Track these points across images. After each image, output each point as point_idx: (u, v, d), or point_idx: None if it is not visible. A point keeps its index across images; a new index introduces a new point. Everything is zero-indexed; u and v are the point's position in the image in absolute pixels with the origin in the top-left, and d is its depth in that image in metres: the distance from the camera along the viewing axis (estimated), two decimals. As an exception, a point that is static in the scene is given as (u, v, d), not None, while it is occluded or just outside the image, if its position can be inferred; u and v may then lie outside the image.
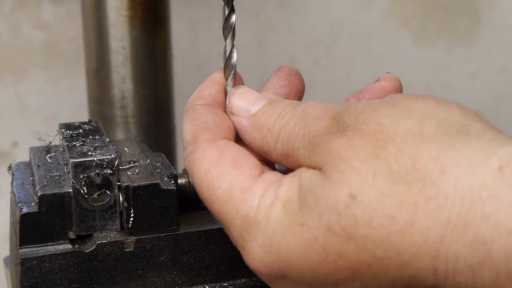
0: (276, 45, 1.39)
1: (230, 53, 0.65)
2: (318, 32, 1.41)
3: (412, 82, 1.50)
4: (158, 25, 0.96)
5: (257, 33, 1.37)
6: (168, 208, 0.68)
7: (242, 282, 0.72)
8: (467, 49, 1.53)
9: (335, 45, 1.43)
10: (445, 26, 1.51)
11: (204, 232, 0.71)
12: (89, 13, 0.96)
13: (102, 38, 0.95)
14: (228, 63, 0.65)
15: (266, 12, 1.37)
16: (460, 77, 1.54)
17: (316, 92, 1.43)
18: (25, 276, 0.65)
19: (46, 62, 1.24)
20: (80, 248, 0.67)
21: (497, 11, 1.54)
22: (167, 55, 0.99)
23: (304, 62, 1.41)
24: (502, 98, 1.59)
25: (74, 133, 0.73)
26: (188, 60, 1.33)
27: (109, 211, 0.67)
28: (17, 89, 1.24)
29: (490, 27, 1.54)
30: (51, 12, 1.23)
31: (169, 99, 1.00)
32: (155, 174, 0.70)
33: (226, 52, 0.65)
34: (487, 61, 1.55)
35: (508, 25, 1.56)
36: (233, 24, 0.64)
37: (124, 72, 0.95)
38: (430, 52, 1.50)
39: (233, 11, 0.64)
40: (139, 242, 0.68)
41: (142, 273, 0.69)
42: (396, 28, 1.47)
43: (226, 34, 0.65)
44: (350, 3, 1.43)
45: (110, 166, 0.66)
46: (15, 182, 0.72)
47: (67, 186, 0.67)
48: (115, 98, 0.96)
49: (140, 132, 0.97)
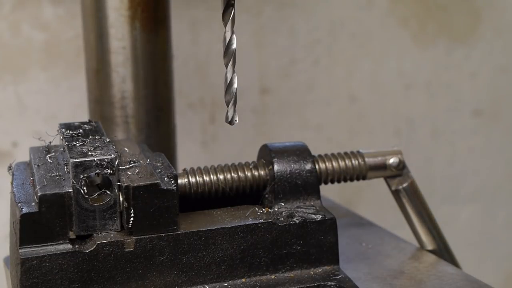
0: (276, 45, 1.39)
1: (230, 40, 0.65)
2: (318, 32, 1.41)
3: (412, 82, 1.50)
4: (158, 25, 0.96)
5: (257, 33, 1.37)
6: (168, 208, 0.68)
7: (242, 282, 0.72)
8: (467, 49, 1.53)
9: (335, 45, 1.43)
10: (445, 26, 1.51)
11: (204, 232, 0.71)
12: (89, 13, 0.96)
13: (102, 38, 0.95)
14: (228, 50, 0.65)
15: (266, 12, 1.37)
16: (460, 77, 1.54)
17: (316, 92, 1.43)
18: (25, 276, 0.65)
19: (46, 62, 1.24)
20: (80, 248, 0.67)
21: (497, 11, 1.54)
22: (167, 55, 0.99)
23: (304, 62, 1.41)
24: (502, 98, 1.59)
25: (74, 133, 0.73)
26: (188, 60, 1.33)
27: (109, 211, 0.67)
28: (17, 89, 1.24)
29: (490, 27, 1.54)
30: (51, 12, 1.23)
31: (169, 99, 1.00)
32: (155, 174, 0.70)
33: (225, 39, 0.65)
34: (487, 61, 1.55)
35: (508, 25, 1.56)
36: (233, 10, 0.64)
37: (124, 72, 0.95)
38: (430, 52, 1.50)
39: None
40: (139, 242, 0.68)
41: (142, 273, 0.69)
42: (396, 28, 1.47)
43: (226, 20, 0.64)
44: (350, 3, 1.43)
45: (110, 166, 0.66)
46: (15, 182, 0.72)
47: (67, 186, 0.67)
48: (115, 98, 0.96)
49: (140, 132, 0.97)
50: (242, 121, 1.07)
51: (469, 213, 1.62)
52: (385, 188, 0.88)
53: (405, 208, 0.87)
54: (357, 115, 1.48)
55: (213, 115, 1.37)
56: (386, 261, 0.85)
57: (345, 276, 0.74)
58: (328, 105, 1.45)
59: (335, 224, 0.75)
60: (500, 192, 1.64)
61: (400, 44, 1.48)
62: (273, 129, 1.42)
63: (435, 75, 1.52)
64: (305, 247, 0.74)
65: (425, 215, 0.87)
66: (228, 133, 1.38)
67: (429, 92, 1.52)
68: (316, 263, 0.75)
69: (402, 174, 0.86)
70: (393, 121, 1.51)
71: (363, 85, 1.47)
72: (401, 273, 0.82)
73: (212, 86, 1.35)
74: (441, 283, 0.79)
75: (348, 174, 0.82)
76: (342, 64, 1.44)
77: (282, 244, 0.73)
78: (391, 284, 0.79)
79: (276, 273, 0.73)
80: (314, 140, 1.40)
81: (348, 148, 0.87)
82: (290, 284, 0.72)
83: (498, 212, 1.64)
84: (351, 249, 0.88)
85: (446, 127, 1.55)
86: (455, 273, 0.82)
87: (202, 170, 0.78)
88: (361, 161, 0.82)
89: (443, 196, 1.58)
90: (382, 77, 1.48)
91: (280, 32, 1.38)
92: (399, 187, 0.86)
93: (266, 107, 1.40)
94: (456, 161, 1.58)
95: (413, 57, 1.49)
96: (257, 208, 0.75)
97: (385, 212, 1.24)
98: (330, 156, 0.82)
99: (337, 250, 0.75)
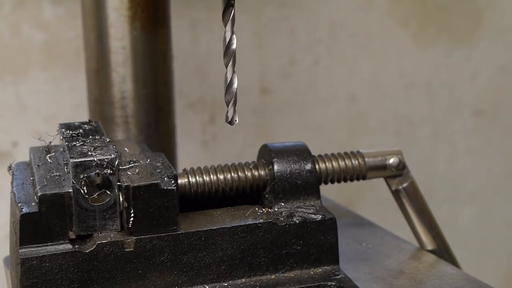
0: (276, 45, 1.39)
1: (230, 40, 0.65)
2: (318, 32, 1.41)
3: (412, 82, 1.50)
4: (158, 25, 0.96)
5: (257, 33, 1.37)
6: (168, 208, 0.68)
7: (242, 282, 0.72)
8: (467, 49, 1.53)
9: (335, 45, 1.43)
10: (445, 26, 1.51)
11: (204, 232, 0.71)
12: (89, 13, 0.96)
13: (102, 38, 0.95)
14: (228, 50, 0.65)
15: (266, 12, 1.37)
16: (460, 77, 1.54)
17: (316, 92, 1.43)
18: (25, 276, 0.65)
19: (46, 62, 1.24)
20: (80, 248, 0.67)
21: (497, 11, 1.54)
22: (167, 55, 0.99)
23: (304, 62, 1.41)
24: (502, 98, 1.59)
25: (74, 133, 0.73)
26: (188, 60, 1.33)
27: (109, 211, 0.67)
28: (17, 89, 1.24)
29: (490, 27, 1.54)
30: (51, 12, 1.23)
31: (169, 99, 1.00)
32: (155, 174, 0.70)
33: (225, 39, 0.65)
34: (487, 61, 1.55)
35: (508, 25, 1.56)
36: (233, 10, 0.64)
37: (124, 72, 0.95)
38: (430, 52, 1.50)
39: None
40: (139, 242, 0.68)
41: (142, 273, 0.69)
42: (396, 28, 1.47)
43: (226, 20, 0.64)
44: (350, 3, 1.43)
45: (110, 166, 0.66)
46: (15, 182, 0.72)
47: (67, 186, 0.67)
48: (115, 98, 0.96)
49: (140, 132, 0.97)
50: (242, 121, 1.07)
51: (469, 213, 1.62)
52: (385, 188, 0.88)
53: (405, 208, 0.87)
54: (357, 115, 1.48)
55: (213, 115, 1.37)
56: (386, 261, 0.85)
57: (345, 276, 0.74)
58: (328, 105, 1.45)
59: (335, 224, 0.75)
60: (500, 192, 1.64)
61: (400, 44, 1.48)
62: (273, 129, 1.42)
63: (435, 75, 1.52)
64: (305, 247, 0.74)
65: (425, 215, 0.87)
66: (228, 133, 1.38)
67: (429, 92, 1.52)
68: (316, 263, 0.75)
69: (402, 174, 0.86)
70: (393, 121, 1.51)
71: (363, 85, 1.47)
72: (401, 273, 0.82)
73: (212, 86, 1.35)
74: (441, 283, 0.79)
75: (348, 174, 0.82)
76: (342, 64, 1.44)
77: (282, 244, 0.73)
78: (391, 284, 0.79)
79: (276, 273, 0.73)
80: (314, 140, 1.40)
81: (348, 148, 0.87)
82: (290, 284, 0.72)
83: (498, 212, 1.64)
84: (351, 249, 0.88)
85: (446, 127, 1.55)
86: (455, 273, 0.82)
87: (202, 170, 0.78)
88: (361, 161, 0.82)
89: (443, 196, 1.58)
90: (382, 77, 1.48)
91: (280, 32, 1.38)
92: (399, 187, 0.86)
93: (266, 107, 1.40)
94: (456, 161, 1.58)
95: (413, 57, 1.49)
96: (257, 208, 0.75)
97: (385, 212, 1.24)
98: (330, 156, 0.82)
99: (337, 250, 0.75)
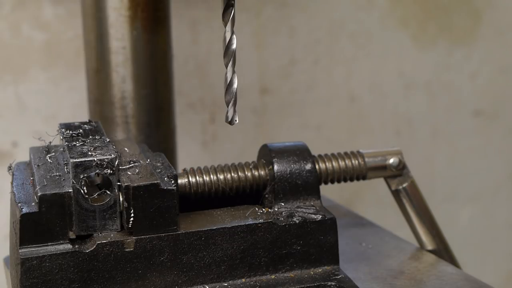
0: (276, 45, 1.39)
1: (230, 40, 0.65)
2: (318, 32, 1.41)
3: (412, 82, 1.50)
4: (158, 25, 0.96)
5: (257, 33, 1.37)
6: (168, 208, 0.68)
7: (242, 282, 0.72)
8: (467, 49, 1.53)
9: (335, 45, 1.43)
10: (445, 26, 1.51)
11: (204, 232, 0.71)
12: (89, 13, 0.96)
13: (102, 38, 0.95)
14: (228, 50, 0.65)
15: (266, 12, 1.37)
16: (460, 77, 1.54)
17: (316, 92, 1.43)
18: (25, 276, 0.65)
19: (46, 62, 1.24)
20: (80, 248, 0.67)
21: (497, 11, 1.54)
22: (167, 55, 0.99)
23: (304, 62, 1.41)
24: (502, 98, 1.59)
25: (74, 133, 0.73)
26: (188, 60, 1.33)
27: (109, 211, 0.67)
28: (17, 89, 1.24)
29: (490, 27, 1.54)
30: (51, 12, 1.23)
31: (169, 99, 1.00)
32: (155, 174, 0.70)
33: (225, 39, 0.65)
34: (487, 61, 1.55)
35: (508, 25, 1.56)
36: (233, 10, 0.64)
37: (124, 72, 0.95)
38: (430, 52, 1.50)
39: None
40: (139, 242, 0.68)
41: (142, 273, 0.69)
42: (396, 28, 1.47)
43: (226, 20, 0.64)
44: (350, 3, 1.43)
45: (110, 166, 0.66)
46: (15, 182, 0.72)
47: (67, 186, 0.67)
48: (115, 98, 0.96)
49: (140, 132, 0.97)
50: (242, 121, 1.07)
51: (469, 213, 1.62)
52: (385, 188, 0.88)
53: (405, 208, 0.87)
54: (357, 115, 1.48)
55: (213, 115, 1.37)
56: (386, 261, 0.85)
57: (345, 276, 0.74)
58: (328, 105, 1.45)
59: (335, 224, 0.75)
60: (500, 192, 1.63)
61: (400, 44, 1.48)
62: (273, 129, 1.42)
63: (435, 75, 1.52)
64: (305, 247, 0.74)
65: (425, 215, 0.87)
66: (228, 133, 1.38)
67: (429, 92, 1.52)
68: (316, 263, 0.75)
69: (402, 174, 0.86)
70: (393, 121, 1.51)
71: (363, 85, 1.47)
72: (401, 273, 0.82)
73: (212, 86, 1.35)
74: (441, 283, 0.79)
75: (348, 174, 0.82)
76: (342, 64, 1.44)
77: (282, 244, 0.73)
78: (391, 284, 0.79)
79: (276, 273, 0.73)
80: (314, 140, 1.40)
81: (348, 148, 0.87)
82: (290, 284, 0.72)
83: (498, 212, 1.64)
84: (351, 249, 0.88)
85: (446, 127, 1.55)
86: (455, 273, 0.82)
87: (202, 170, 0.78)
88: (361, 161, 0.82)
89: (443, 196, 1.58)
90: (382, 77, 1.48)
91: (280, 32, 1.38)
92: (399, 187, 0.86)
93: (266, 107, 1.40)
94: (456, 161, 1.58)
95: (413, 57, 1.49)
96: (257, 208, 0.75)
97: (385, 212, 1.24)
98: (330, 156, 0.82)
99: (337, 250, 0.75)
